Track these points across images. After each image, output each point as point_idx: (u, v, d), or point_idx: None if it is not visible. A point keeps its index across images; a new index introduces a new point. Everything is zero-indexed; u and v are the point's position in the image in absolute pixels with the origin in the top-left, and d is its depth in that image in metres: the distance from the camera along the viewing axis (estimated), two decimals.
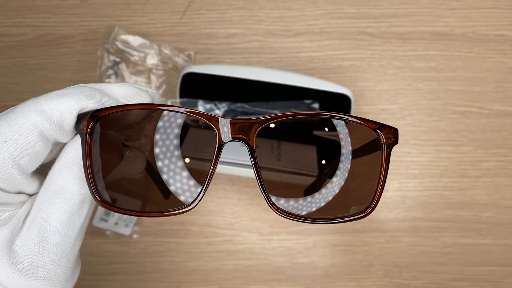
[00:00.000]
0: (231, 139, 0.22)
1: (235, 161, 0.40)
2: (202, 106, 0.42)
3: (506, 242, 0.45)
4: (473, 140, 0.45)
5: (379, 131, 0.23)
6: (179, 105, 0.22)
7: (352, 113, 0.42)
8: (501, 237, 0.45)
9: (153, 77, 0.46)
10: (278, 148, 0.29)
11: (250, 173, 0.40)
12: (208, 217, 0.45)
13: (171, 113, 0.23)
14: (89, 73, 0.46)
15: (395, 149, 0.24)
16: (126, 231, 0.44)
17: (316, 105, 0.41)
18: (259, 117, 0.22)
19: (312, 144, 0.27)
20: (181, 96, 0.42)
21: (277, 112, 0.27)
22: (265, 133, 0.23)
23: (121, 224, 0.44)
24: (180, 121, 0.24)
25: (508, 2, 0.46)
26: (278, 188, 0.24)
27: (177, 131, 0.24)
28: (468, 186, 0.45)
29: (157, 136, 0.24)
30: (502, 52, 0.46)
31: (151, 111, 0.23)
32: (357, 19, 0.46)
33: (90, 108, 0.20)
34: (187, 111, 0.22)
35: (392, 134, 0.23)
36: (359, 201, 0.24)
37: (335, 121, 0.25)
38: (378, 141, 0.23)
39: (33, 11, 0.47)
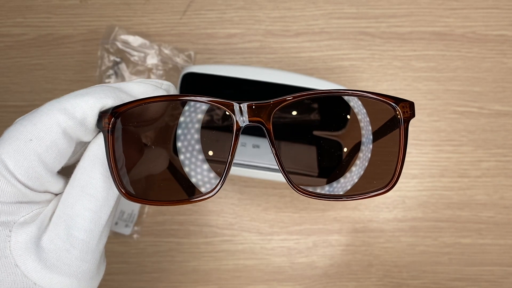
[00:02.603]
0: (248, 123, 0.22)
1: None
2: None
3: (505, 242, 0.45)
4: (473, 140, 0.45)
5: (395, 105, 0.23)
6: (193, 95, 0.22)
7: (351, 112, 0.42)
8: (500, 237, 0.45)
9: (153, 77, 0.46)
10: (295, 131, 0.28)
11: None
12: (208, 217, 0.45)
13: (191, 107, 0.24)
14: (89, 73, 0.46)
15: None
16: (126, 231, 0.44)
17: None
18: (274, 99, 0.22)
19: (329, 125, 0.26)
20: None
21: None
22: (282, 115, 0.23)
23: (121, 224, 0.44)
24: (200, 116, 0.24)
25: (508, 2, 0.46)
26: (299, 177, 0.24)
27: (197, 125, 0.24)
28: (468, 186, 0.45)
29: (178, 131, 0.24)
30: (502, 52, 0.46)
31: (168, 104, 0.23)
32: (357, 19, 0.46)
33: (111, 105, 0.21)
34: (202, 100, 0.22)
35: (409, 108, 0.23)
36: (381, 177, 0.24)
37: (350, 99, 0.24)
38: (395, 116, 0.23)
39: (33, 11, 0.47)
